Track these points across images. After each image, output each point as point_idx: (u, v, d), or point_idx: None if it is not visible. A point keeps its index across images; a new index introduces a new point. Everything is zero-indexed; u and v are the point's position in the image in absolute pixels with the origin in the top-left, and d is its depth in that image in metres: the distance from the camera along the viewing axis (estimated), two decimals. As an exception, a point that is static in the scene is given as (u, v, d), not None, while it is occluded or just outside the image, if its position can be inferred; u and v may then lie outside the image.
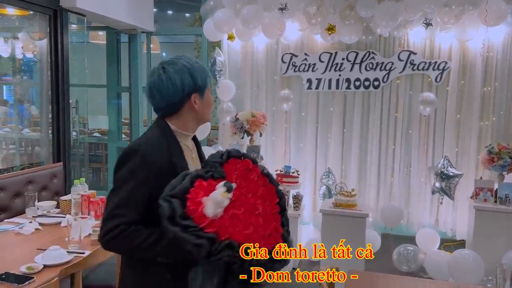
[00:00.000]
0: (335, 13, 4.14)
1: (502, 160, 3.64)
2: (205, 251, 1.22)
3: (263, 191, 1.40)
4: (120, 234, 1.33)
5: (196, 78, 1.48)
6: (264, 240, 1.31)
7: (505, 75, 4.25)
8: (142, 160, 1.37)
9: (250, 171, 1.41)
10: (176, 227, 1.22)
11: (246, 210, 1.31)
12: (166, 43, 8.93)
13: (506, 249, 3.44)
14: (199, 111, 1.53)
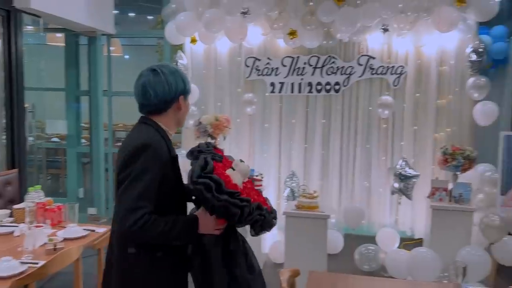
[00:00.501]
0: (296, 18, 4.21)
1: (456, 161, 3.79)
2: (247, 211, 1.50)
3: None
4: (146, 223, 1.45)
5: (185, 81, 1.68)
6: (264, 203, 1.62)
7: (458, 79, 4.45)
8: (155, 154, 1.52)
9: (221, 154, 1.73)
10: (225, 195, 1.47)
11: (245, 184, 1.63)
12: (128, 46, 8.77)
13: (461, 245, 3.59)
14: (182, 113, 1.70)
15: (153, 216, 1.47)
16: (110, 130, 5.70)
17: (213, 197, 1.45)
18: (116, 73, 5.76)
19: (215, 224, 1.56)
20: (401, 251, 4.02)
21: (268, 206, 1.66)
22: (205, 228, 1.56)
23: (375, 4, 4.00)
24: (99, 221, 5.35)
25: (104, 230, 2.78)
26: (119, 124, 8.65)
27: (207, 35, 4.40)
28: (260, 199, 1.67)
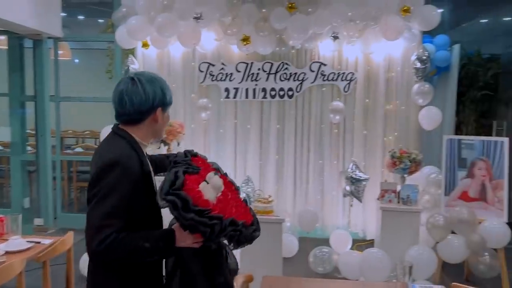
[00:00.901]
0: (249, 24, 4.24)
1: (403, 164, 3.95)
2: (218, 228, 1.42)
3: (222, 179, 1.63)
4: (114, 241, 1.41)
5: (166, 93, 1.60)
6: (243, 216, 1.57)
7: (404, 86, 4.64)
8: (123, 172, 1.46)
9: (207, 166, 1.68)
10: (191, 213, 1.40)
11: (223, 196, 1.56)
12: (77, 50, 8.47)
13: (409, 245, 3.73)
14: (160, 125, 1.63)
15: (121, 234, 1.42)
16: (58, 136, 5.47)
17: (179, 215, 1.40)
18: (65, 77, 5.54)
19: (192, 238, 1.49)
20: (353, 252, 4.12)
21: (247, 219, 1.59)
22: (182, 242, 1.50)
23: (326, 12, 4.11)
24: (46, 232, 5.12)
25: (50, 241, 2.66)
26: (68, 131, 8.33)
27: (160, 39, 4.34)
28: (240, 210, 1.59)
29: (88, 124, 8.40)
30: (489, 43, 6.30)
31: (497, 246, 3.58)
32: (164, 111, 1.62)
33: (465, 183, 3.92)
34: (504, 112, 6.07)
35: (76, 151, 6.64)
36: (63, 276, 2.67)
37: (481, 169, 3.91)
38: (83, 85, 7.99)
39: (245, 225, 1.52)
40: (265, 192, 4.21)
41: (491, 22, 6.40)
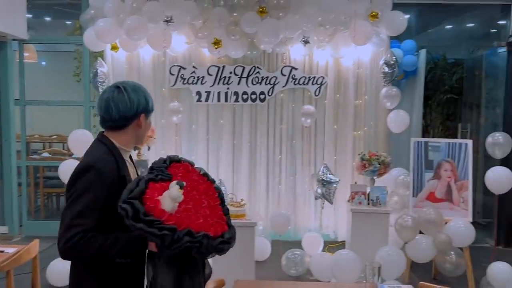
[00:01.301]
0: (220, 27, 4.23)
1: (372, 166, 4.03)
2: (168, 239, 1.43)
3: (204, 187, 1.66)
4: (80, 240, 1.49)
5: (149, 100, 1.73)
6: (213, 227, 1.55)
7: (373, 89, 4.74)
8: (98, 175, 1.56)
9: (190, 172, 1.68)
10: (141, 223, 1.42)
11: (195, 204, 1.57)
12: (44, 52, 8.23)
13: (379, 246, 3.79)
14: (142, 130, 1.74)
15: (89, 234, 1.50)
16: (24, 141, 5.30)
17: (130, 224, 1.43)
18: (31, 80, 5.38)
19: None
20: (325, 254, 4.17)
21: (217, 230, 1.56)
22: (153, 246, 1.54)
23: (296, 17, 4.15)
24: (11, 240, 4.95)
25: (14, 250, 2.57)
26: (35, 135, 8.08)
27: (129, 42, 4.28)
28: (208, 221, 1.56)
29: (55, 129, 8.18)
30: (453, 48, 6.51)
31: (462, 245, 3.70)
32: (147, 118, 1.75)
33: (432, 184, 4.03)
34: (469, 115, 6.29)
35: (43, 156, 6.44)
36: (28, 286, 2.59)
37: (446, 171, 4.03)
38: (50, 89, 7.79)
39: (208, 236, 1.50)
40: (238, 196, 4.21)
41: (456, 28, 6.62)
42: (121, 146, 1.70)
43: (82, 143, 4.24)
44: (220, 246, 1.55)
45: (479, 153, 5.89)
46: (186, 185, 1.54)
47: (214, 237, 1.53)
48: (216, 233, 1.55)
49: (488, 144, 3.71)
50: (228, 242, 1.60)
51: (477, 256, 4.26)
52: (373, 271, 2.08)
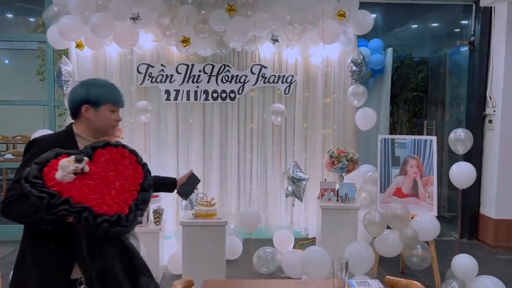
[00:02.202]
0: (189, 25, 4.19)
1: (341, 163, 4.09)
2: (45, 202, 1.54)
3: (129, 173, 1.72)
4: (12, 201, 1.71)
5: (89, 91, 1.88)
6: (107, 206, 1.60)
7: (341, 88, 4.81)
8: (37, 150, 1.75)
9: (125, 158, 1.75)
10: (28, 184, 1.56)
11: (101, 182, 1.65)
12: (6, 50, 7.97)
13: (348, 242, 3.85)
14: (92, 121, 1.88)
15: (22, 198, 1.67)
16: (-15, 142, 5.11)
17: (23, 184, 1.57)
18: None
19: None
20: (296, 251, 4.20)
21: (110, 209, 1.60)
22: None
23: (265, 15, 4.16)
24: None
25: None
26: (-4, 136, 7.80)
27: (95, 40, 4.18)
28: (101, 198, 1.61)
29: (19, 129, 7.91)
30: (419, 47, 6.68)
31: (428, 238, 3.80)
32: (94, 108, 1.88)
33: (398, 180, 4.12)
34: (434, 112, 6.47)
35: (6, 157, 6.23)
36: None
37: (412, 167, 4.13)
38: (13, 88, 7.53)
39: (90, 210, 1.56)
40: (208, 195, 4.19)
41: (421, 28, 6.79)
42: (78, 132, 1.89)
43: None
44: (104, 224, 1.58)
45: (443, 149, 6.07)
46: (106, 167, 1.68)
47: (99, 214, 1.57)
48: (106, 212, 1.59)
49: (450, 140, 3.82)
50: (115, 224, 1.60)
51: (442, 249, 4.40)
52: (341, 266, 2.10)
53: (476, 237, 5.41)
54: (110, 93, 1.93)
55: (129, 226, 1.65)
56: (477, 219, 5.40)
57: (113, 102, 1.93)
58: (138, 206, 1.69)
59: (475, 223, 5.41)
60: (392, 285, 2.15)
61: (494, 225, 5.14)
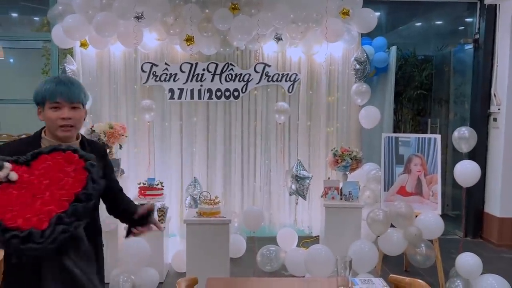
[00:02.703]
0: (193, 24, 4.20)
1: (344, 161, 4.08)
2: None
3: (67, 182, 1.53)
4: None
5: (37, 90, 1.74)
6: (24, 220, 1.42)
7: (345, 86, 4.80)
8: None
9: (71, 164, 1.58)
10: None
11: (28, 192, 1.49)
12: (11, 49, 7.99)
13: (352, 240, 3.86)
14: (46, 122, 1.75)
15: None
16: (-10, 141, 5.14)
17: None
18: (-3, 78, 5.22)
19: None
20: (299, 249, 4.21)
21: (26, 224, 1.40)
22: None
23: (268, 14, 4.16)
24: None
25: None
26: (3, 135, 7.84)
27: (99, 39, 4.19)
28: (19, 212, 1.43)
29: (24, 128, 7.96)
30: (423, 45, 6.66)
31: (432, 237, 3.80)
32: (42, 109, 1.75)
33: (402, 179, 4.12)
34: (438, 110, 6.45)
35: (12, 156, 6.26)
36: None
37: (416, 165, 4.12)
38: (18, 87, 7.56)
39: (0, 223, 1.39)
40: (212, 193, 4.20)
41: (425, 25, 6.78)
42: (44, 136, 1.77)
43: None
44: (12, 241, 1.38)
45: (448, 147, 6.06)
46: (40, 173, 1.53)
47: (10, 228, 1.39)
48: (19, 226, 1.39)
49: (454, 139, 3.81)
50: (26, 241, 1.39)
51: (446, 247, 4.40)
52: (344, 265, 2.11)
53: (480, 236, 5.40)
54: (49, 88, 1.72)
55: (44, 243, 1.39)
56: (481, 218, 5.39)
57: (49, 98, 1.72)
58: (62, 219, 1.44)
59: (480, 221, 5.40)
60: (396, 283, 2.15)
61: (498, 224, 5.13)
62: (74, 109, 1.75)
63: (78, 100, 1.76)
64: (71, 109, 1.74)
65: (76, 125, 1.78)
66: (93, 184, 1.55)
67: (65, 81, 1.75)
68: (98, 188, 1.58)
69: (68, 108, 1.73)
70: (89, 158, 1.62)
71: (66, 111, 1.72)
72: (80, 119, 1.80)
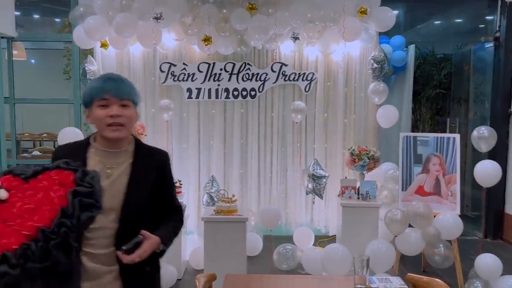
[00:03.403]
0: (210, 24, 4.24)
1: (362, 161, 4.07)
2: None
3: (44, 211, 1.22)
4: None
5: (84, 93, 1.65)
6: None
7: (362, 85, 4.78)
8: (52, 159, 1.61)
9: (63, 186, 1.27)
10: None
11: (2, 217, 1.19)
12: (33, 50, 8.19)
13: (369, 240, 3.85)
14: (94, 124, 1.64)
15: None
16: (14, 140, 5.28)
17: None
18: (20, 78, 5.35)
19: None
20: (316, 248, 4.22)
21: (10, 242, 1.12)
22: None
23: (286, 14, 4.17)
24: (3, 239, 4.93)
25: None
26: (25, 134, 8.05)
27: (119, 39, 4.27)
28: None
29: (45, 127, 8.15)
30: (442, 44, 6.58)
31: (451, 237, 3.76)
32: (89, 110, 1.63)
33: (420, 178, 4.09)
34: (457, 110, 6.37)
35: (34, 154, 6.42)
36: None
37: (435, 165, 4.08)
38: (40, 87, 7.75)
39: None
40: (230, 192, 4.24)
41: (444, 24, 6.69)
42: (92, 142, 1.66)
43: (72, 141, 4.25)
44: None
45: (467, 147, 5.97)
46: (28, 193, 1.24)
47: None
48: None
49: (473, 138, 3.76)
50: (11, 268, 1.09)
51: (465, 248, 4.34)
52: (362, 263, 2.11)
53: (500, 237, 5.31)
54: (97, 86, 1.60)
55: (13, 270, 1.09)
56: (501, 219, 5.30)
57: (96, 95, 1.59)
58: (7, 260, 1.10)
59: (500, 222, 5.31)
60: (414, 282, 2.15)
61: (519, 225, 5.05)
62: (124, 107, 1.60)
63: (129, 97, 1.61)
64: (121, 107, 1.59)
65: (127, 124, 1.61)
66: (62, 219, 1.19)
67: (114, 78, 1.64)
68: (66, 225, 1.18)
69: (117, 105, 1.58)
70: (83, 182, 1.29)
71: (115, 108, 1.58)
72: (131, 119, 1.63)
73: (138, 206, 1.65)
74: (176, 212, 1.83)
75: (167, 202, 1.78)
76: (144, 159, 1.69)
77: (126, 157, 1.67)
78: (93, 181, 1.33)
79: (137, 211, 1.65)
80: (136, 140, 1.74)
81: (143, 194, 1.66)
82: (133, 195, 1.64)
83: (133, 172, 1.66)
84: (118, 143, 1.64)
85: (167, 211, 1.78)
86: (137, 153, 1.69)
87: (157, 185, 1.70)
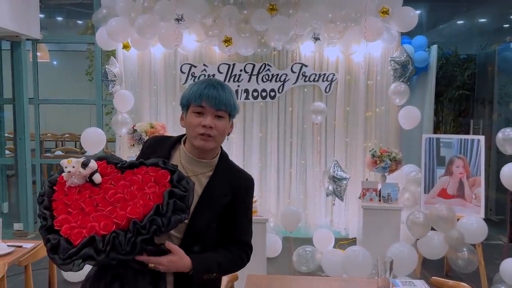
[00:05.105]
0: (231, 25, 4.25)
1: (383, 163, 4.02)
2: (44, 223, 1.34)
3: (136, 204, 1.31)
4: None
5: (183, 94, 1.55)
6: (67, 229, 1.29)
7: (384, 86, 4.72)
8: (143, 148, 1.67)
9: (158, 185, 1.36)
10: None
11: (96, 201, 1.34)
12: (56, 52, 8.35)
13: (391, 242, 3.79)
14: (186, 129, 1.55)
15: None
16: (38, 140, 5.39)
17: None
18: (44, 80, 5.46)
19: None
20: (336, 250, 4.17)
21: (99, 228, 1.27)
22: None
23: (306, 14, 4.16)
24: (27, 236, 5.04)
25: (32, 245, 2.62)
26: (48, 134, 8.20)
27: (141, 41, 4.32)
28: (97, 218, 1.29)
29: (67, 127, 8.29)
30: (465, 44, 6.46)
31: (475, 241, 3.68)
32: (185, 113, 1.56)
33: (443, 181, 4.01)
34: (481, 111, 6.23)
35: (56, 154, 6.54)
36: (45, 282, 2.64)
37: (458, 167, 4.00)
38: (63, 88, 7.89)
39: (68, 241, 1.26)
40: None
41: (467, 24, 6.57)
42: (183, 147, 1.59)
43: (94, 141, 4.31)
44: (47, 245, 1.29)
45: (491, 149, 5.83)
46: (121, 183, 1.36)
47: (74, 245, 1.26)
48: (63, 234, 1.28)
49: (498, 140, 3.67)
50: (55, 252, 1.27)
51: (490, 252, 4.24)
52: (385, 266, 2.08)
53: (526, 242, 5.17)
54: (196, 90, 1.50)
55: (63, 261, 1.26)
56: (527, 223, 5.16)
57: (194, 101, 1.49)
58: (94, 244, 1.26)
59: (526, 227, 5.17)
60: (438, 286, 2.11)
61: (546, 230, 4.90)
62: (219, 118, 1.51)
63: (225, 108, 1.51)
64: (215, 118, 1.50)
65: (216, 137, 1.52)
66: (154, 216, 1.28)
67: (215, 85, 1.51)
68: (157, 223, 1.28)
69: (212, 115, 1.49)
70: (179, 185, 1.36)
71: (209, 118, 1.49)
72: (223, 131, 1.53)
73: (205, 222, 1.52)
74: (241, 246, 1.63)
75: (232, 233, 1.60)
76: (224, 176, 1.58)
77: (207, 169, 1.58)
78: (188, 186, 1.39)
79: (203, 226, 1.52)
80: (223, 154, 1.63)
81: (212, 212, 1.53)
82: (202, 209, 1.52)
83: (208, 186, 1.55)
84: (203, 153, 1.56)
85: (231, 244, 1.60)
86: (219, 167, 1.59)
87: (227, 210, 1.55)
